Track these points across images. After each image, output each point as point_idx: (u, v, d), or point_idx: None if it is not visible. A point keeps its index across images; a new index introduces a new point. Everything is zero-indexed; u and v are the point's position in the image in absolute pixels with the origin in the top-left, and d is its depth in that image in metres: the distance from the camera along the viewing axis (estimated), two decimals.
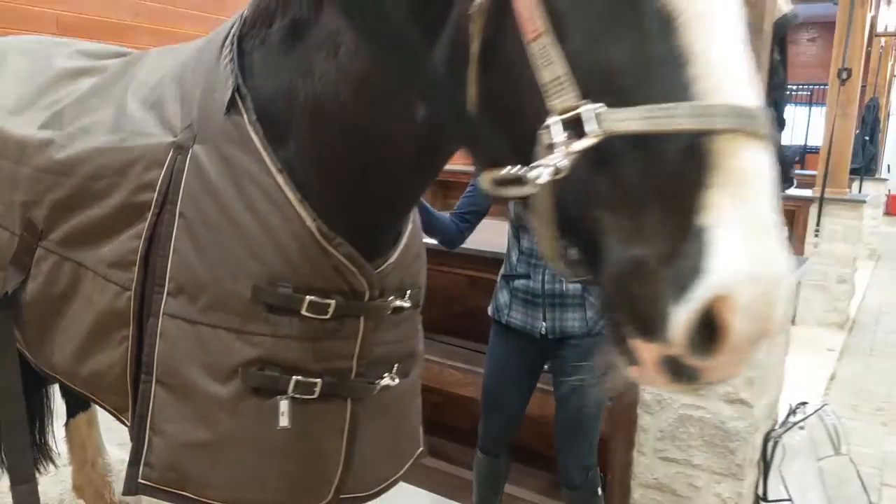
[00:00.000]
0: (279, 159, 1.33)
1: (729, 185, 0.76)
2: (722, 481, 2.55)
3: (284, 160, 1.33)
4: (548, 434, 2.50)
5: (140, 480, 1.43)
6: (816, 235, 6.04)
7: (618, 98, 0.81)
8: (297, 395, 1.38)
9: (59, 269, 1.62)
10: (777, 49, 2.81)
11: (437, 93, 1.05)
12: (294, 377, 1.37)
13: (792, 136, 12.23)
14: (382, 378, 1.50)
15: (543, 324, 2.29)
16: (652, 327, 0.80)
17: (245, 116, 1.34)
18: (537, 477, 3.16)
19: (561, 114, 0.84)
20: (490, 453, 2.53)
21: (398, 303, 1.49)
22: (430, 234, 2.23)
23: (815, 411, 2.96)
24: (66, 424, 2.93)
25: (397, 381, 1.54)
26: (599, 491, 2.41)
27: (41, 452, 2.92)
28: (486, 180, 0.99)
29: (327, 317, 1.36)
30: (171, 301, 1.39)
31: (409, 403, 1.69)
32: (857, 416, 4.38)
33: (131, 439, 1.47)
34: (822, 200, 5.96)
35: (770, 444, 2.67)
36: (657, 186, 0.80)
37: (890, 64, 10.06)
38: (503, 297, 2.40)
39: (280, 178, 1.32)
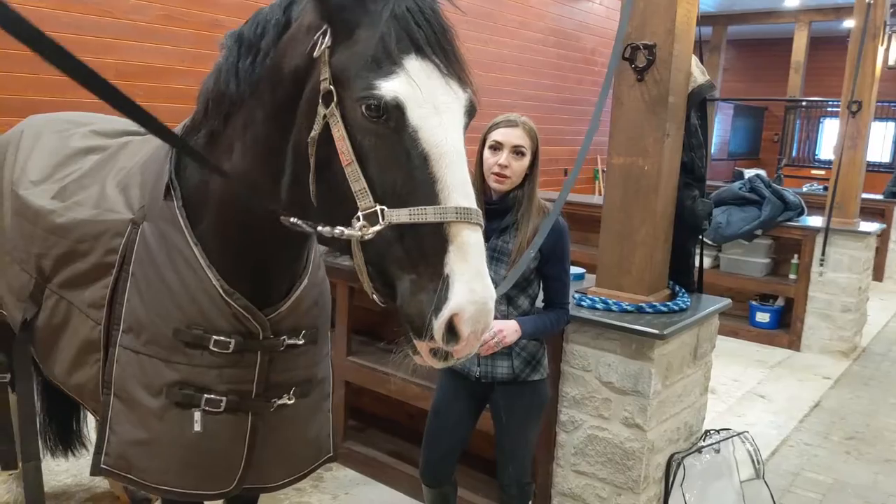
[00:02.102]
0: (196, 235, 1.85)
1: (457, 251, 1.35)
2: (622, 494, 2.92)
3: (199, 235, 1.86)
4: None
5: (101, 465, 1.98)
6: (821, 265, 6.20)
7: (397, 202, 1.40)
8: (208, 409, 1.89)
9: (58, 305, 2.17)
10: (697, 115, 3.16)
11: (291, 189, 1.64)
12: (205, 395, 1.88)
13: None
14: (280, 398, 2.00)
15: (478, 368, 2.61)
16: (424, 332, 1.37)
17: (175, 202, 1.88)
18: (491, 484, 3.56)
19: (363, 211, 1.41)
20: (433, 486, 2.79)
21: (291, 341, 1.98)
22: None
23: (728, 437, 3.27)
24: None
25: (294, 401, 2.03)
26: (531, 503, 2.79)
27: (77, 439, 3.57)
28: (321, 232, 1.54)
29: (229, 351, 1.87)
30: (124, 336, 1.93)
31: (309, 418, 2.15)
32: (823, 444, 4.57)
33: (97, 435, 2.02)
34: (827, 231, 6.12)
35: (673, 465, 3.02)
36: (421, 251, 1.37)
37: None
38: None
39: (196, 249, 1.84)
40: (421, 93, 1.37)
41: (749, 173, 9.35)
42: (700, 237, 3.25)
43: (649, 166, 2.94)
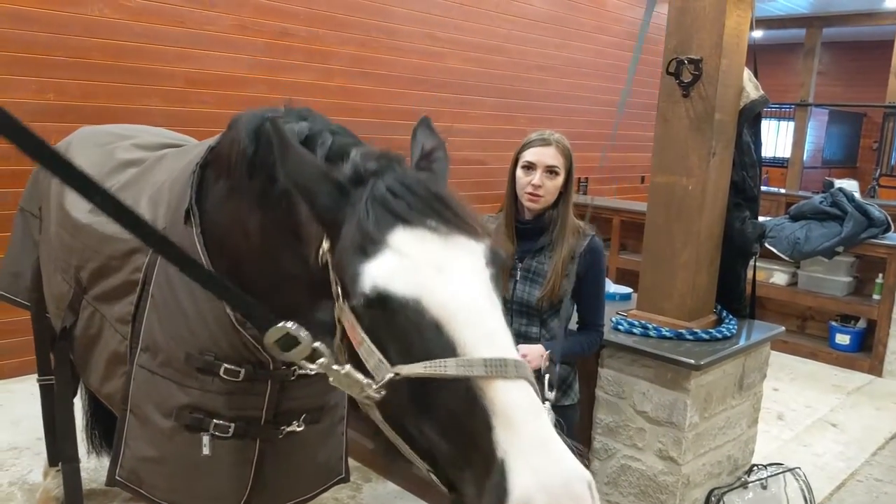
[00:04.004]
0: (213, 262, 1.87)
1: (504, 421, 1.07)
2: None
3: (218, 264, 1.87)
4: None
5: (116, 477, 2.03)
6: None
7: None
8: (216, 433, 1.91)
9: (93, 316, 2.24)
10: (749, 131, 3.00)
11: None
12: (214, 420, 1.90)
13: None
14: (290, 425, 2.00)
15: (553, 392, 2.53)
16: None
17: (194, 229, 1.90)
18: None
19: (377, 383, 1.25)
20: None
21: (303, 371, 1.98)
22: None
23: (777, 473, 3.08)
24: None
25: (303, 427, 2.03)
26: None
27: None
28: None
29: (239, 379, 1.88)
30: (142, 355, 1.97)
31: (319, 443, 2.14)
32: None
33: (113, 447, 2.08)
34: None
35: (713, 500, 2.87)
36: (461, 429, 1.11)
37: None
38: None
39: None
40: (412, 260, 1.23)
41: (839, 183, 8.85)
42: (753, 261, 3.07)
43: (693, 186, 2.80)
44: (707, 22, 2.71)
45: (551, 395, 1.93)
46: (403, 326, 1.22)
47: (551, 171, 2.42)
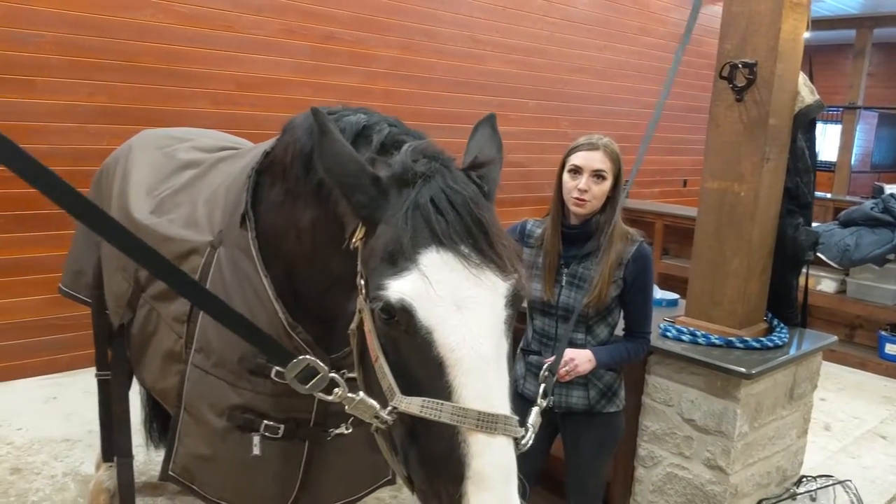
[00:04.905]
0: (267, 266, 1.90)
1: (475, 480, 1.18)
2: None
3: (270, 268, 1.90)
4: None
5: (169, 472, 2.08)
6: None
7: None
8: (266, 434, 1.94)
9: (150, 315, 2.29)
10: (803, 136, 2.94)
11: None
12: (264, 421, 1.93)
13: None
14: (338, 427, 2.02)
15: (551, 398, 2.43)
16: None
17: (249, 233, 1.93)
18: None
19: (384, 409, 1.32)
20: None
21: (351, 374, 2.00)
22: None
23: (827, 485, 3.02)
24: None
25: (351, 430, 2.05)
26: None
27: None
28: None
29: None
30: (196, 355, 2.01)
31: (366, 446, 2.15)
32: None
33: (167, 443, 2.13)
34: None
35: None
36: (438, 466, 1.22)
37: None
38: (520, 368, 2.65)
39: (266, 281, 1.89)
40: (435, 290, 1.24)
41: (890, 189, 8.62)
42: (805, 268, 3.02)
43: (745, 192, 2.76)
44: (762, 26, 2.67)
45: (544, 402, 1.97)
46: (411, 353, 1.27)
47: (598, 175, 2.41)
